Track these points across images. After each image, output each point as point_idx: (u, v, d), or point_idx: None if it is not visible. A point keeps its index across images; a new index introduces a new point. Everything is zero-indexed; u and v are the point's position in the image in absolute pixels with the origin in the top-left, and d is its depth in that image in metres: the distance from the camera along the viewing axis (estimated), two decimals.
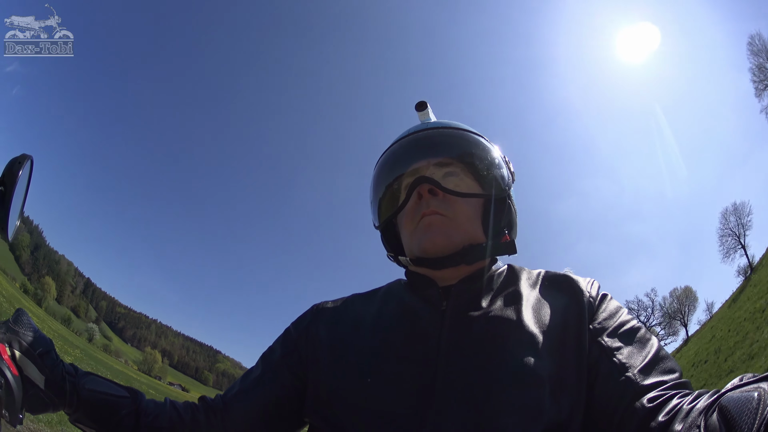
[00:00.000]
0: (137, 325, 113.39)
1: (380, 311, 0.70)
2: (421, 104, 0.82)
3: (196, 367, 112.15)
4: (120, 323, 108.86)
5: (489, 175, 0.72)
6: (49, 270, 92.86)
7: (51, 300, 73.56)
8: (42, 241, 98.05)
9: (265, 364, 0.72)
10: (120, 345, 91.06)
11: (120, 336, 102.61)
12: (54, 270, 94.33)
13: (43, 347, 0.56)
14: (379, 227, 0.78)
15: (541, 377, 0.55)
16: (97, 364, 18.12)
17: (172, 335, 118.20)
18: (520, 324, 0.60)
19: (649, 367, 0.54)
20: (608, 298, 0.64)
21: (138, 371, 62.51)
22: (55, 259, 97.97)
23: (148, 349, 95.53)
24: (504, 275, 0.70)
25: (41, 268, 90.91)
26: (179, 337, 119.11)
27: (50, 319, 44.31)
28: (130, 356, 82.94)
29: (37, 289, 69.93)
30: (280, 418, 0.69)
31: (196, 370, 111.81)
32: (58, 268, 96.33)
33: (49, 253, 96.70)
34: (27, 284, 69.52)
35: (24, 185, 0.63)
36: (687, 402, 0.47)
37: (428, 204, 0.68)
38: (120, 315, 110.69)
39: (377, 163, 0.79)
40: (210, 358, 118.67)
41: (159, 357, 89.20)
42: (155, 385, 39.67)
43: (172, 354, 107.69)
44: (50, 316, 54.13)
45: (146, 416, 0.62)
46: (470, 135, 0.75)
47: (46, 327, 22.39)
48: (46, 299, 70.48)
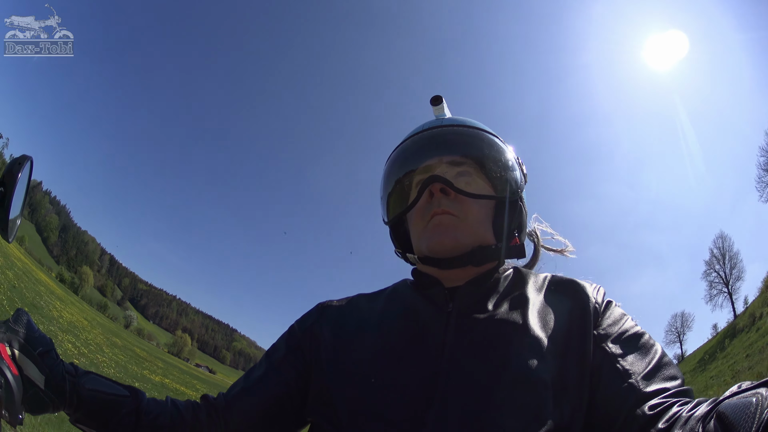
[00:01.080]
0: (159, 302, 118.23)
1: (385, 311, 0.70)
2: (437, 98, 0.80)
3: (215, 346, 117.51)
4: (142, 300, 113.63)
5: (502, 177, 0.72)
6: (78, 251, 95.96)
7: (89, 288, 76.98)
8: (70, 221, 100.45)
9: (268, 362, 0.71)
10: (147, 325, 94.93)
11: (143, 314, 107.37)
12: (83, 251, 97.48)
13: (43, 347, 0.55)
14: (388, 223, 0.78)
15: (545, 381, 0.55)
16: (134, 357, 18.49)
17: (192, 313, 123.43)
18: (526, 328, 0.60)
19: (651, 374, 0.55)
20: (613, 304, 0.64)
21: (168, 353, 65.87)
22: (84, 240, 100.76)
23: (178, 332, 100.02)
24: (510, 278, 0.70)
25: (69, 250, 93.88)
26: (198, 315, 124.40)
27: (89, 308, 45.44)
28: (161, 339, 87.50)
29: (74, 278, 72.95)
30: (283, 417, 0.68)
31: (215, 349, 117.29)
32: (86, 249, 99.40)
33: (77, 234, 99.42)
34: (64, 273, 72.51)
35: (24, 186, 0.63)
36: (687, 410, 0.47)
37: (439, 203, 0.67)
38: (142, 292, 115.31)
39: (389, 158, 0.78)
40: (227, 336, 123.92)
41: (189, 340, 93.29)
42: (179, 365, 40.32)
43: (192, 332, 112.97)
44: (86, 302, 57.04)
45: (147, 415, 0.62)
46: (485, 134, 0.74)
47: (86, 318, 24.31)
48: (83, 287, 73.81)
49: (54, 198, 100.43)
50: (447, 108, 0.81)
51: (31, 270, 27.87)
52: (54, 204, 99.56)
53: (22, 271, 21.87)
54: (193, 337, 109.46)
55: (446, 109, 0.81)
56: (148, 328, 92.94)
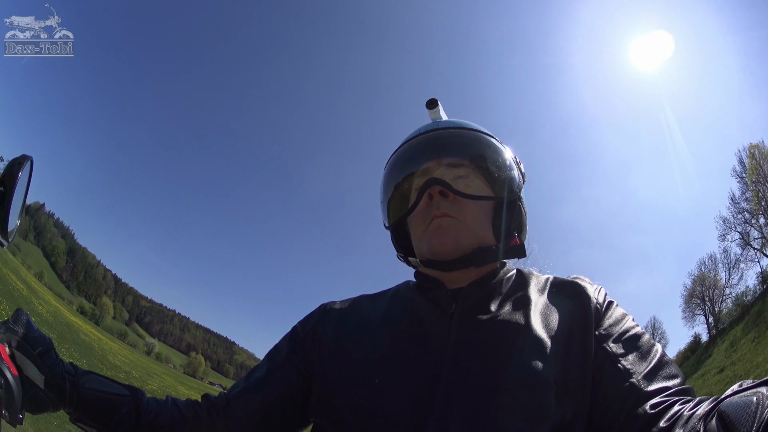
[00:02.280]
0: (162, 319, 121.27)
1: (388, 313, 0.71)
2: (432, 102, 0.80)
3: (218, 360, 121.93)
4: (146, 318, 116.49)
5: (500, 178, 0.72)
6: (86, 275, 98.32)
7: (109, 319, 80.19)
8: (75, 243, 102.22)
9: (270, 362, 0.72)
10: (163, 349, 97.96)
11: (148, 332, 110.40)
12: (91, 274, 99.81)
13: (43, 346, 0.56)
14: (389, 227, 0.78)
15: (547, 381, 0.55)
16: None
17: (193, 328, 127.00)
18: (528, 328, 0.60)
19: (652, 374, 0.56)
20: (614, 305, 0.65)
21: (184, 374, 69.57)
22: (90, 262, 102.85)
23: (192, 354, 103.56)
24: (513, 279, 0.70)
25: (78, 274, 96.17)
26: (200, 330, 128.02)
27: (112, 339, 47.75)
28: (176, 361, 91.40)
29: (94, 310, 76.27)
30: (284, 417, 0.69)
31: (218, 363, 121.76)
32: (93, 272, 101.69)
33: (83, 256, 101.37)
34: (84, 305, 75.58)
35: (24, 186, 0.63)
36: (688, 408, 0.48)
37: (439, 206, 0.68)
38: (145, 309, 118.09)
39: (388, 162, 0.79)
40: (228, 350, 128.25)
41: (202, 360, 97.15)
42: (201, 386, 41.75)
43: (196, 347, 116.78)
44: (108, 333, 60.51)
45: (147, 414, 0.62)
46: (482, 136, 0.75)
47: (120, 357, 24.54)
48: (104, 318, 77.24)
49: (58, 220, 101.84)
50: (443, 111, 0.81)
51: (59, 311, 27.91)
52: (59, 226, 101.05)
53: (50, 313, 21.84)
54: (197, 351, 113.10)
55: (442, 111, 0.81)
56: (165, 351, 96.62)
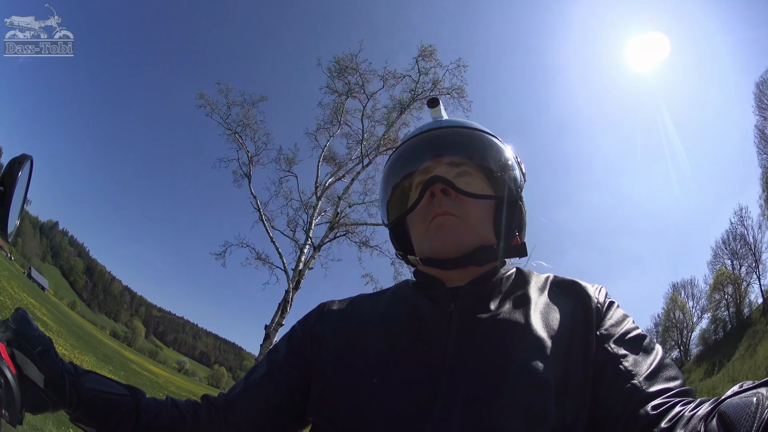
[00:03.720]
0: (175, 328, 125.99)
1: (387, 312, 0.70)
2: (434, 101, 0.81)
3: (230, 367, 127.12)
4: (160, 328, 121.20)
5: (501, 177, 0.72)
6: (105, 293, 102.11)
7: (141, 340, 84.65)
8: (91, 261, 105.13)
9: (269, 362, 0.72)
10: (190, 363, 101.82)
11: (162, 341, 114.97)
12: (109, 291, 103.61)
13: (42, 346, 0.55)
14: (389, 225, 0.78)
15: (547, 381, 0.55)
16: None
17: (204, 335, 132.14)
18: (528, 328, 0.60)
19: (653, 375, 0.56)
20: (615, 305, 0.65)
21: (208, 385, 73.86)
22: (107, 279, 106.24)
23: (216, 366, 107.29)
24: (513, 278, 0.70)
25: (98, 294, 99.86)
26: (210, 337, 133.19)
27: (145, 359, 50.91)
28: (200, 374, 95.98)
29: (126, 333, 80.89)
30: (284, 417, 0.69)
31: (230, 370, 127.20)
32: (111, 288, 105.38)
33: (101, 274, 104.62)
34: (117, 330, 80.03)
35: (24, 185, 0.63)
36: (689, 409, 0.48)
37: (440, 204, 0.68)
38: (158, 319, 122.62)
39: (389, 160, 0.79)
40: (237, 355, 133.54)
41: (225, 372, 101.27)
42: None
43: (209, 356, 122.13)
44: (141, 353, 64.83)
45: (147, 414, 0.62)
46: (484, 135, 0.75)
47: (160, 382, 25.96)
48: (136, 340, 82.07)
49: (72, 237, 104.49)
50: (444, 110, 0.82)
51: (119, 352, 30.08)
52: (74, 245, 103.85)
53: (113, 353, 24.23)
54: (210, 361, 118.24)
55: (443, 111, 0.82)
56: (192, 366, 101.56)
